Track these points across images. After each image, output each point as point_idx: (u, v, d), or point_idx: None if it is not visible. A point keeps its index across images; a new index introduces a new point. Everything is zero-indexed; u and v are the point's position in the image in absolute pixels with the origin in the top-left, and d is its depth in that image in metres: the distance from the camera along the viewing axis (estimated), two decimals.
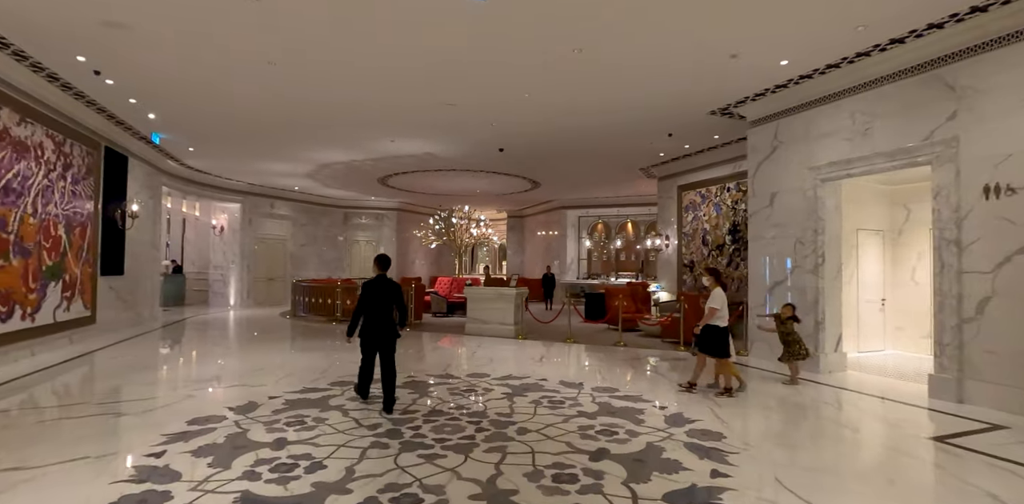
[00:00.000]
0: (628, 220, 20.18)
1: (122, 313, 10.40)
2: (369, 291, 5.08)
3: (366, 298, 5.08)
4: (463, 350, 8.72)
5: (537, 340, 9.73)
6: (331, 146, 11.13)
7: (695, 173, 11.88)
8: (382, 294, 5.10)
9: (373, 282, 5.17)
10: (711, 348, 5.85)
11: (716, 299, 5.86)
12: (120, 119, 9.18)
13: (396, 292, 5.20)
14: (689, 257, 12.06)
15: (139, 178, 11.16)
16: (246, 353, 8.29)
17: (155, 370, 6.87)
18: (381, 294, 5.09)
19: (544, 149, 11.24)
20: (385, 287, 5.14)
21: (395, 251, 20.50)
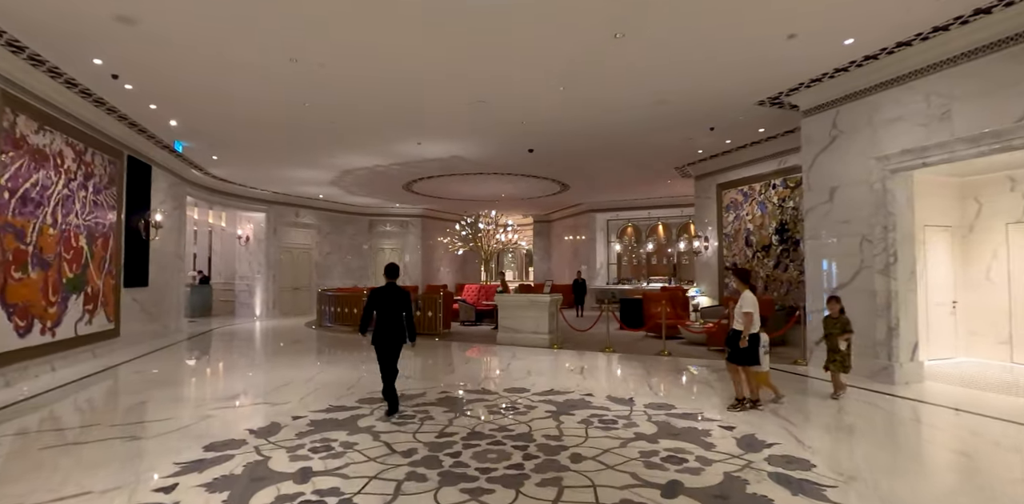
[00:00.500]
0: (659, 222, 19.51)
1: (147, 325, 10.18)
2: (378, 298, 5.37)
3: (374, 303, 5.36)
4: (496, 361, 8.21)
5: (573, 350, 9.17)
6: (356, 151, 10.80)
7: (736, 170, 11.22)
8: (392, 301, 5.34)
9: (383, 289, 5.43)
10: (741, 355, 5.24)
11: (748, 302, 5.23)
12: (142, 127, 8.98)
13: (405, 299, 5.42)
14: (731, 259, 11.37)
15: (163, 188, 10.99)
16: (270, 366, 7.92)
17: (176, 386, 6.52)
18: (391, 301, 5.34)
19: (576, 149, 10.74)
20: (394, 294, 5.38)
21: (420, 258, 20.17)
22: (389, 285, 5.44)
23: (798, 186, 9.76)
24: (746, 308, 5.20)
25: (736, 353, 5.28)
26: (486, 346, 9.77)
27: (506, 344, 9.72)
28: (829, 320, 5.89)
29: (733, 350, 5.32)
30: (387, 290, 5.39)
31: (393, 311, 5.33)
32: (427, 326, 11.16)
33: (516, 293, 11.17)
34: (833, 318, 5.85)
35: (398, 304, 5.33)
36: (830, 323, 5.86)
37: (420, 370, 7.56)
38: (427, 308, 11.14)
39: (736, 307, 5.36)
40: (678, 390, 6.21)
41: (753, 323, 5.24)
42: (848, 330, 5.72)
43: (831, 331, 5.82)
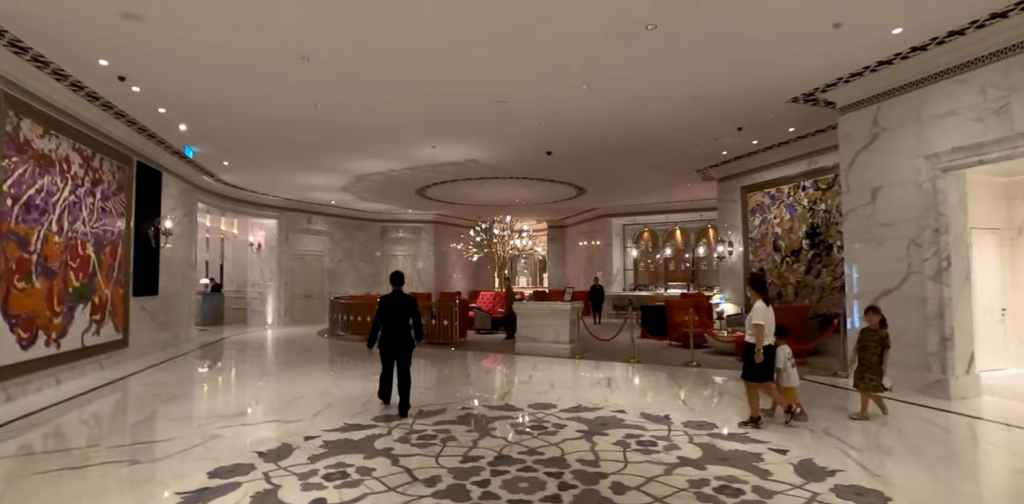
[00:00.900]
0: (676, 227, 19.08)
1: (156, 335, 9.93)
2: (387, 305, 5.52)
3: (384, 311, 5.51)
4: (517, 373, 7.83)
5: (596, 360, 8.76)
6: (369, 155, 10.53)
7: (762, 172, 10.80)
8: (399, 308, 5.51)
9: (390, 297, 5.60)
10: (753, 371, 4.82)
11: (758, 314, 4.83)
12: (152, 132, 8.77)
13: (412, 306, 5.59)
14: (758, 265, 10.92)
15: (173, 194, 10.79)
16: (282, 378, 7.60)
17: (183, 399, 6.21)
18: (398, 308, 5.50)
19: (596, 152, 10.38)
20: (401, 301, 5.54)
21: (432, 265, 19.88)
22: (396, 292, 5.62)
23: (830, 188, 9.33)
24: (756, 319, 4.80)
25: (749, 369, 4.87)
26: (504, 356, 9.40)
27: (525, 354, 9.33)
28: (866, 333, 5.30)
29: (747, 365, 4.90)
30: (394, 297, 5.58)
31: (401, 318, 5.49)
32: (442, 335, 10.81)
33: (532, 301, 10.79)
34: (871, 331, 5.26)
35: (405, 311, 5.51)
36: (867, 336, 5.27)
37: (437, 382, 7.20)
38: (442, 316, 10.80)
39: (748, 318, 4.94)
40: (714, 405, 5.79)
41: (766, 335, 4.82)
42: (886, 346, 5.16)
43: (866, 345, 5.26)
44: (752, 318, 4.84)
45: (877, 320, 5.28)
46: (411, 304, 5.57)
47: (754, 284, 5.10)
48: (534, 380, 7.13)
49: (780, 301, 10.20)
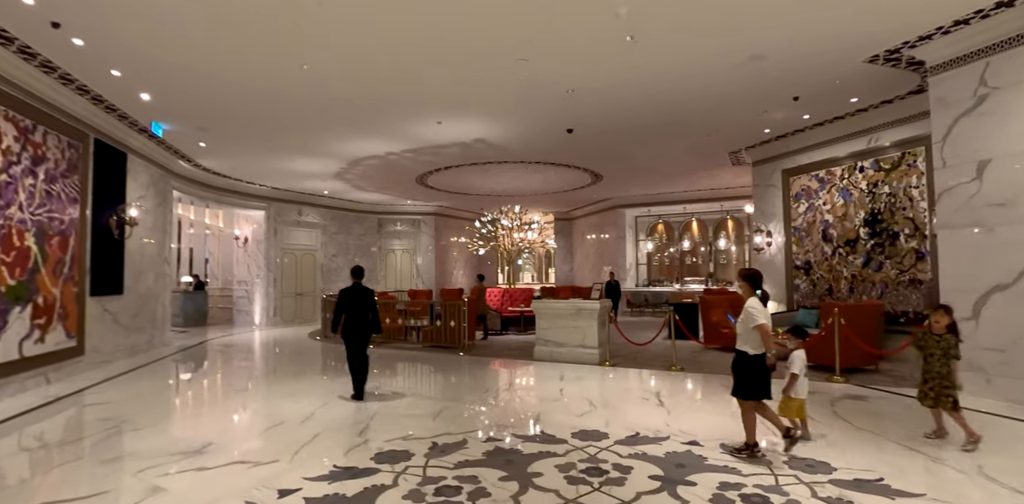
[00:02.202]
0: (693, 219, 17.90)
1: (121, 340, 8.66)
2: (347, 297, 6.05)
3: (345, 302, 6.01)
4: (543, 385, 6.61)
5: (631, 367, 7.56)
6: (366, 134, 9.26)
7: (809, 152, 9.59)
8: (359, 300, 6.02)
9: (350, 289, 6.08)
10: (747, 387, 3.98)
11: (760, 312, 3.94)
12: (110, 103, 7.48)
13: (370, 298, 6.12)
14: (804, 257, 9.73)
15: (142, 180, 9.49)
16: (263, 394, 6.36)
17: (132, 426, 4.93)
18: (358, 300, 6.01)
19: (623, 129, 9.14)
20: (361, 294, 6.06)
21: (433, 260, 18.62)
22: (356, 285, 6.11)
23: (895, 167, 8.13)
24: (761, 319, 3.89)
25: (746, 383, 3.98)
26: (523, 363, 8.18)
27: (546, 360, 8.12)
28: (929, 339, 4.21)
29: (739, 380, 4.03)
30: (354, 290, 6.06)
31: (361, 308, 5.99)
32: (449, 338, 9.58)
33: (550, 299, 9.56)
34: (936, 336, 4.17)
35: (365, 302, 6.03)
36: (930, 343, 4.19)
37: (450, 399, 5.97)
38: (448, 317, 9.56)
39: (740, 320, 4.05)
40: (810, 432, 4.59)
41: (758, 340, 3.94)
42: (953, 356, 4.10)
43: (930, 353, 4.17)
44: (755, 317, 3.91)
45: (946, 324, 4.17)
46: (369, 296, 6.14)
47: (751, 279, 4.11)
48: (567, 395, 5.91)
49: (833, 298, 9.02)
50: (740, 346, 4.06)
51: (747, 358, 3.99)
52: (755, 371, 3.94)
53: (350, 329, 5.94)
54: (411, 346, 10.05)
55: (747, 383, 3.98)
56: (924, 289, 7.67)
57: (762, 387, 3.96)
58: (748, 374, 3.97)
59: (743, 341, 4.04)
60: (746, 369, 3.99)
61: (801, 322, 9.01)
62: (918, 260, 7.77)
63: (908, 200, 7.92)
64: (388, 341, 10.41)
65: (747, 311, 3.98)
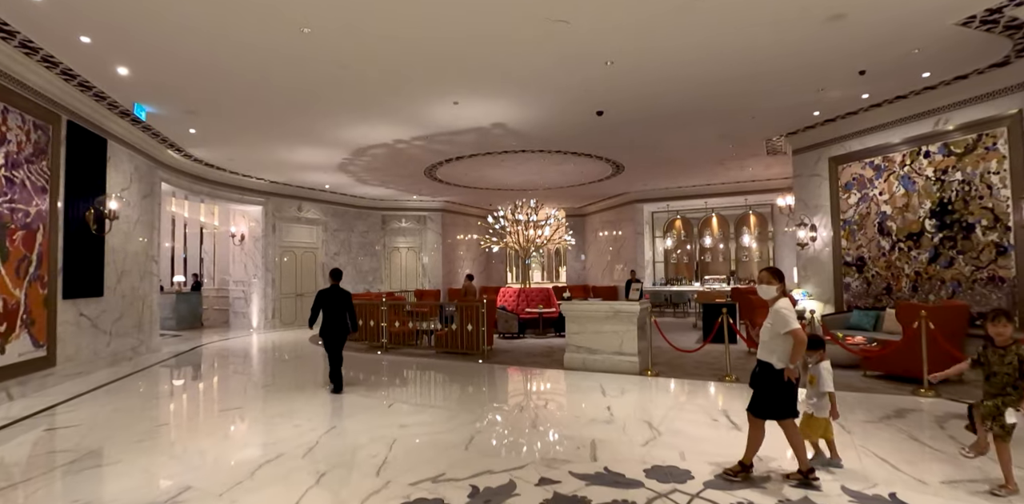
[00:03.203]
0: (713, 214, 17.03)
1: (101, 347, 7.76)
2: (324, 297, 6.39)
3: (322, 302, 6.37)
4: (584, 401, 5.70)
5: (677, 378, 6.67)
6: (373, 118, 8.35)
7: (861, 137, 8.69)
8: (336, 301, 6.37)
9: (328, 290, 6.43)
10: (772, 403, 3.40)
11: (793, 316, 3.39)
12: (84, 79, 6.57)
13: (347, 299, 6.47)
14: (856, 252, 8.83)
15: (126, 170, 8.58)
16: (257, 415, 5.46)
17: (97, 463, 4.03)
18: (335, 301, 6.37)
19: (654, 113, 8.26)
20: (338, 295, 6.42)
21: (440, 258, 17.73)
22: (333, 287, 6.47)
23: (970, 151, 7.23)
24: (794, 323, 3.33)
25: (765, 399, 3.42)
26: (552, 373, 7.27)
27: (578, 369, 7.23)
28: (992, 353, 3.29)
29: (760, 394, 3.47)
30: (332, 291, 6.41)
31: (338, 309, 6.34)
32: (466, 344, 8.67)
33: (580, 300, 8.65)
34: (999, 350, 3.26)
35: (341, 303, 6.39)
36: (994, 358, 3.26)
37: (481, 419, 5.06)
38: (466, 320, 8.65)
39: (765, 326, 3.47)
40: (936, 464, 3.68)
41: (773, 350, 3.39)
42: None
43: (994, 370, 3.25)
44: (788, 321, 3.33)
45: (1009, 333, 3.26)
46: (346, 297, 6.51)
47: (778, 273, 3.56)
48: (618, 414, 5.01)
49: (892, 297, 8.13)
50: (764, 356, 3.45)
51: (774, 372, 3.37)
52: (784, 386, 3.36)
53: (327, 329, 6.38)
54: (423, 352, 9.16)
55: (775, 400, 3.37)
56: (1007, 287, 6.79)
57: (791, 404, 3.38)
58: (776, 390, 3.37)
59: (768, 350, 3.43)
60: (773, 384, 3.38)
61: (856, 325, 8.14)
62: (999, 255, 6.88)
63: (986, 188, 7.03)
64: (397, 346, 9.51)
65: (778, 313, 3.38)
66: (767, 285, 3.52)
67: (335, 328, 6.34)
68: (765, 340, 3.46)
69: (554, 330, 11.34)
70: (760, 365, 3.48)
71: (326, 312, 6.37)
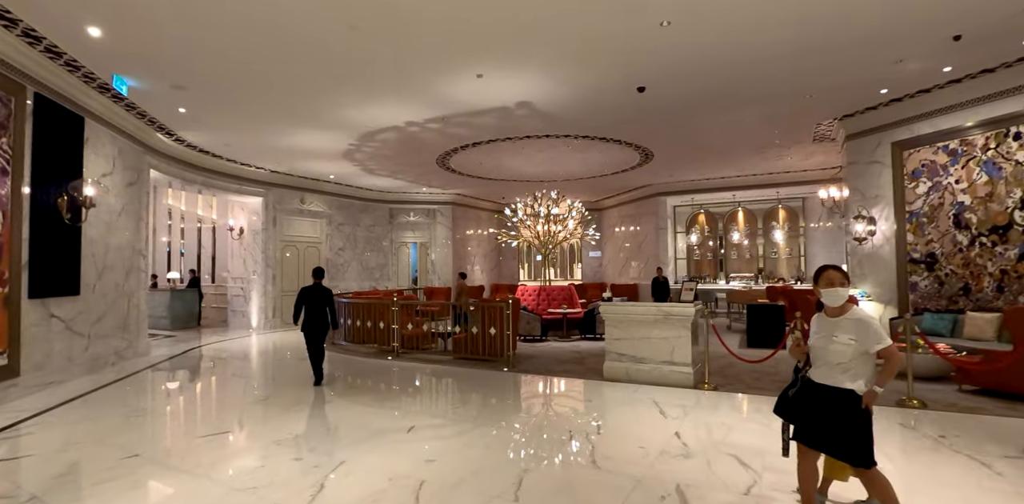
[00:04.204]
0: (739, 208, 16.08)
1: (77, 353, 6.87)
2: (306, 295, 6.67)
3: (304, 300, 6.66)
4: (643, 424, 4.75)
5: (742, 393, 5.73)
6: (384, 96, 7.41)
7: (932, 119, 7.71)
8: (317, 298, 6.66)
9: (310, 288, 6.72)
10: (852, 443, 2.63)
11: (883, 330, 2.67)
12: (52, 44, 5.64)
13: (328, 297, 6.75)
14: (925, 248, 7.87)
15: (108, 153, 7.67)
16: (249, 442, 4.56)
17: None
18: (317, 298, 6.66)
19: (700, 91, 7.31)
20: (320, 293, 6.70)
21: (450, 254, 16.82)
22: (316, 285, 6.75)
23: None
24: (887, 338, 2.65)
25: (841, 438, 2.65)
26: (592, 385, 6.33)
27: (620, 380, 6.30)
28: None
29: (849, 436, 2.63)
30: (314, 289, 6.71)
31: (319, 306, 6.65)
32: (489, 349, 7.74)
33: (614, 302, 7.73)
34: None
35: (323, 300, 6.68)
36: None
37: (524, 449, 4.14)
38: (488, 322, 7.72)
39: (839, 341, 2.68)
40: None
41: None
42: None
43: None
44: (881, 334, 2.64)
45: None
46: (328, 295, 6.72)
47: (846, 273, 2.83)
48: (692, 446, 4.07)
49: (971, 299, 7.18)
50: (840, 381, 2.68)
51: (857, 401, 2.64)
52: (868, 421, 2.65)
53: (308, 324, 6.61)
54: (438, 357, 8.24)
55: (856, 439, 2.61)
56: None
57: (860, 445, 2.62)
58: (859, 426, 2.62)
59: (848, 373, 2.66)
60: (856, 418, 2.62)
61: (929, 329, 7.19)
62: None
63: None
64: (409, 351, 8.60)
65: (866, 325, 2.66)
66: (840, 288, 2.73)
67: (316, 324, 6.62)
68: (841, 361, 2.66)
69: (579, 332, 10.42)
70: (833, 393, 2.68)
71: (308, 309, 6.64)
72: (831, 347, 2.70)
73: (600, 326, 9.99)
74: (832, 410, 2.67)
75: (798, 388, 2.86)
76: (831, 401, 2.68)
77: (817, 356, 2.80)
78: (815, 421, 2.73)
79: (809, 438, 2.75)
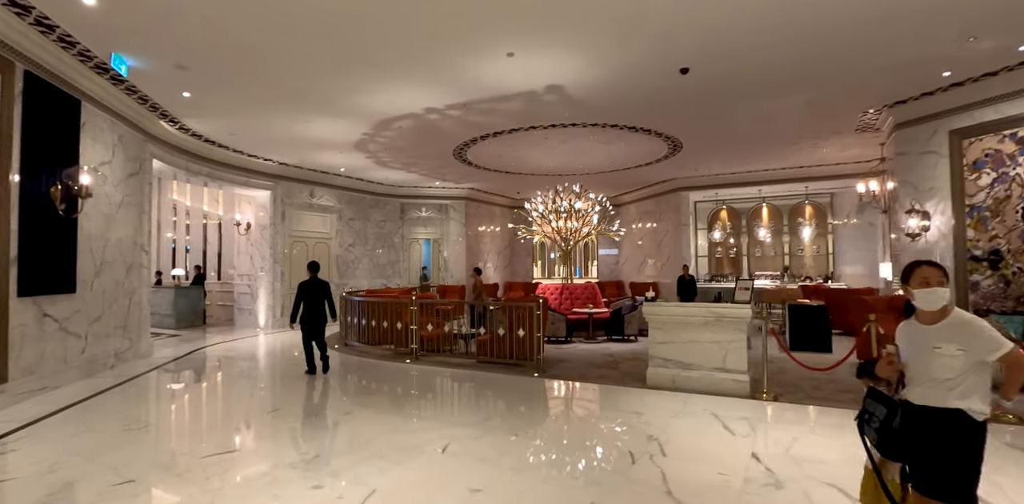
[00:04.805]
0: (763, 204, 15.46)
1: (73, 355, 6.34)
2: (305, 289, 6.88)
3: (303, 294, 6.86)
4: (709, 444, 4.19)
5: (809, 405, 5.15)
6: (402, 78, 6.84)
7: (997, 104, 7.08)
8: (315, 292, 6.90)
9: (308, 282, 6.94)
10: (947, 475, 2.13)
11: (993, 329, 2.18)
12: (42, 15, 5.10)
13: (326, 290, 7.03)
14: (987, 245, 7.26)
15: (107, 140, 7.14)
16: (260, 464, 4.01)
17: None
18: (315, 292, 6.90)
19: (745, 72, 6.72)
20: (318, 286, 6.94)
21: (463, 252, 16.27)
22: (313, 279, 6.98)
23: None
24: (1006, 343, 2.13)
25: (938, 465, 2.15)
26: (635, 393, 5.75)
27: (666, 388, 5.73)
28: None
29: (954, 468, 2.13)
30: (312, 283, 6.94)
31: (318, 299, 6.89)
32: (516, 352, 7.17)
33: (659, 302, 7.15)
34: None
35: (321, 293, 6.93)
36: None
37: (588, 477, 3.58)
38: (516, 324, 7.15)
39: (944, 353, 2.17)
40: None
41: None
42: None
43: None
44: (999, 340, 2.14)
45: None
46: (325, 288, 7.04)
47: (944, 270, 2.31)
48: (779, 472, 3.49)
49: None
50: (947, 400, 2.18)
51: (973, 426, 2.14)
52: (981, 448, 2.15)
53: (308, 318, 6.80)
54: (460, 360, 7.68)
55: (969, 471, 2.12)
56: None
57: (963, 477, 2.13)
58: (972, 454, 2.14)
59: (957, 391, 2.17)
60: (970, 445, 2.14)
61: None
62: None
63: None
64: (428, 354, 8.04)
65: (974, 327, 2.18)
66: (938, 287, 2.24)
67: (316, 317, 6.82)
68: (949, 377, 2.17)
69: (605, 333, 9.84)
70: (932, 415, 2.19)
71: (307, 303, 6.82)
72: (935, 361, 2.18)
73: (629, 327, 9.42)
74: (936, 436, 2.14)
75: (899, 415, 2.25)
76: (935, 425, 2.15)
77: (916, 373, 2.27)
78: (921, 454, 2.18)
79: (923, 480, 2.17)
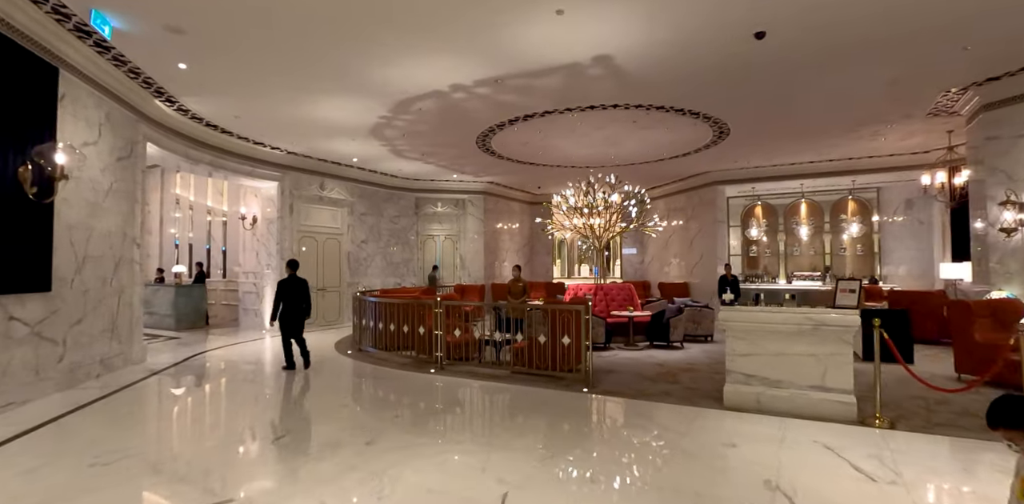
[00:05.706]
0: (802, 200, 14.44)
1: (47, 364, 5.46)
2: (285, 288, 7.04)
3: (283, 293, 7.01)
4: (840, 491, 3.23)
5: (925, 432, 4.17)
6: (428, 48, 5.91)
7: None
8: (295, 290, 7.06)
9: (287, 280, 7.10)
10: None
11: None
12: None
13: (305, 288, 7.16)
14: None
15: (91, 118, 6.26)
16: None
17: None
18: (294, 290, 7.05)
19: (826, 38, 5.73)
20: (296, 284, 7.09)
21: (482, 249, 15.36)
22: (292, 276, 7.12)
23: None
24: None
25: None
26: (713, 415, 4.78)
27: (749, 410, 4.76)
28: None
29: None
30: (291, 281, 7.08)
31: (296, 297, 7.03)
32: (561, 362, 6.20)
33: (739, 306, 6.18)
34: None
35: (300, 292, 7.08)
36: None
37: None
38: (561, 329, 6.19)
39: None
40: None
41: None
42: None
43: None
44: None
45: None
46: (304, 286, 7.15)
47: None
48: None
49: None
50: None
51: None
52: None
53: (287, 316, 6.92)
54: (492, 371, 6.70)
55: None
56: None
57: None
58: None
59: None
60: None
61: None
62: None
63: None
64: (455, 363, 7.11)
65: None
66: None
67: (295, 315, 6.99)
68: None
69: (646, 338, 8.87)
70: None
71: (286, 302, 6.97)
72: None
73: (674, 333, 8.45)
74: None
75: None
76: None
77: None
78: None
79: None
